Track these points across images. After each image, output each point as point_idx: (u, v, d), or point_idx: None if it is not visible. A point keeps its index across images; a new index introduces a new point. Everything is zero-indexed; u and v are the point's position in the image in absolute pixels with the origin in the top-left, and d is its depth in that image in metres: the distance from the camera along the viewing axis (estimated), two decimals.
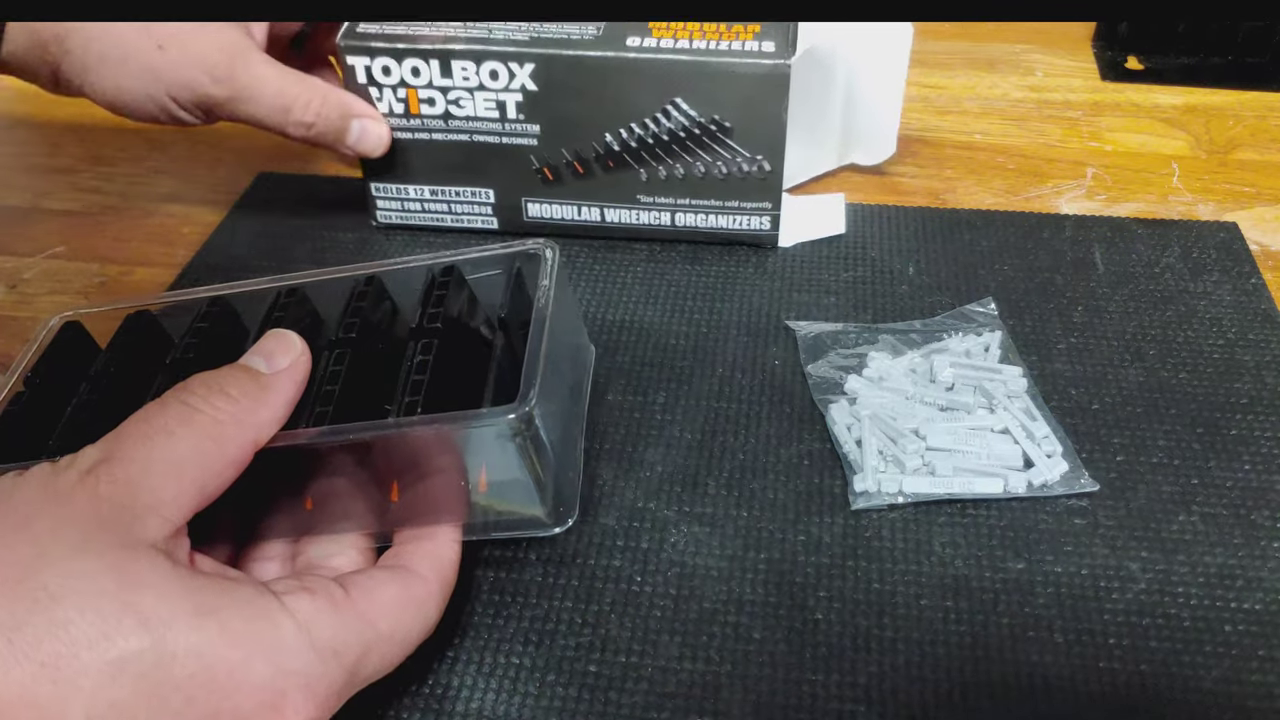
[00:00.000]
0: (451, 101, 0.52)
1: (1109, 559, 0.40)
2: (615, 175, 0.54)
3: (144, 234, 0.59)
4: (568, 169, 0.54)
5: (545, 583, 0.40)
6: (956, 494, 0.42)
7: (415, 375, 0.37)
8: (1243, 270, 0.54)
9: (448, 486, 0.36)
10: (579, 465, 0.40)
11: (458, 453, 0.35)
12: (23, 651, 0.27)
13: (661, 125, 0.52)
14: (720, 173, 0.53)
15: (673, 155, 0.53)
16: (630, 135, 0.52)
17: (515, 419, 0.34)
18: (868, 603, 0.39)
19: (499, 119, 0.52)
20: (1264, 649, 0.37)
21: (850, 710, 0.36)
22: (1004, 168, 0.62)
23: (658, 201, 0.55)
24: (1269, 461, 0.44)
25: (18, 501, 0.30)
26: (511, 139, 0.53)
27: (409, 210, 0.57)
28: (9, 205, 0.62)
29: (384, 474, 0.36)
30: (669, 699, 0.36)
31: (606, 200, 0.55)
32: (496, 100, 0.52)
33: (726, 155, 0.52)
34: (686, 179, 0.53)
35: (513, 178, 0.55)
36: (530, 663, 0.38)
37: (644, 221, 0.55)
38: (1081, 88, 0.70)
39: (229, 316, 0.42)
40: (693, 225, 0.55)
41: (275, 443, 0.34)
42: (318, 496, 0.37)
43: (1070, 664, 0.37)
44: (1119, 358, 0.49)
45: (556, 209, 0.56)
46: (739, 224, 0.55)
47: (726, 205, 0.54)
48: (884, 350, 0.49)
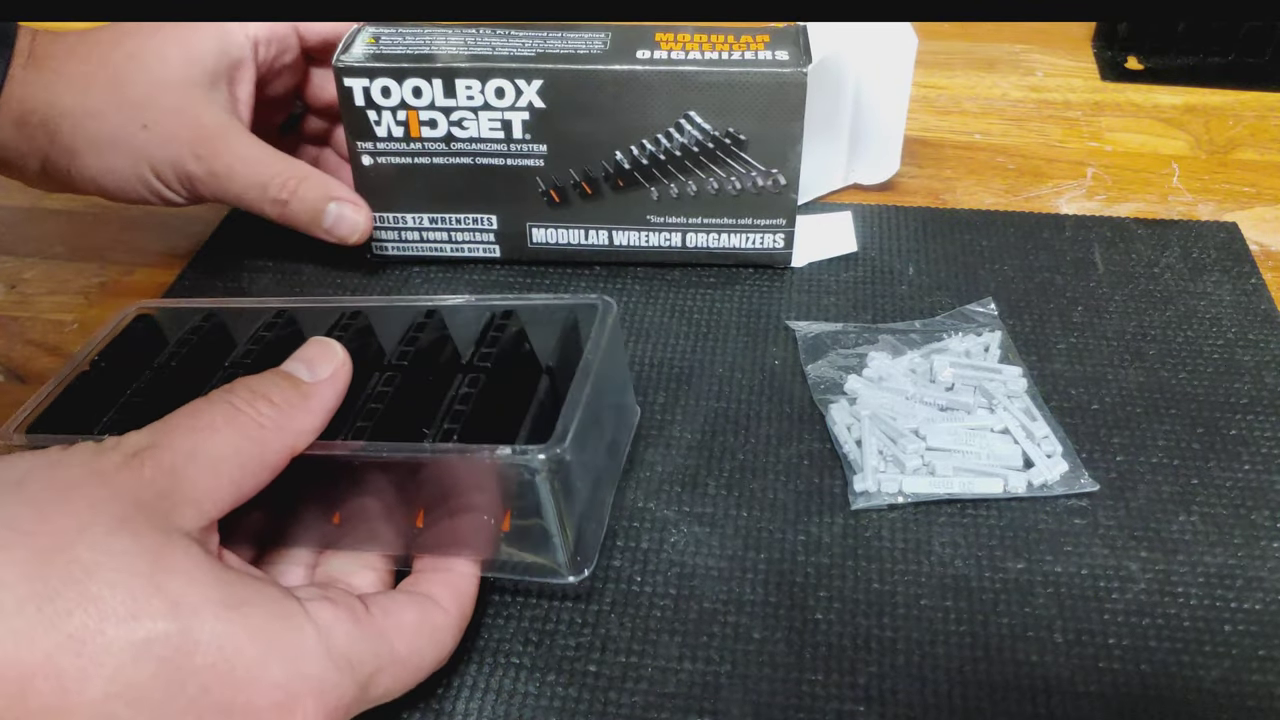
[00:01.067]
0: (454, 123, 0.50)
1: (1109, 559, 0.40)
2: (625, 195, 0.52)
3: (144, 234, 0.59)
4: (575, 190, 0.52)
5: (545, 582, 0.40)
6: (956, 494, 0.42)
7: (457, 405, 0.38)
8: (1243, 270, 0.54)
9: (472, 520, 0.37)
10: (604, 521, 0.40)
11: (485, 486, 0.36)
12: (51, 621, 0.27)
13: (674, 140, 0.50)
14: (734, 188, 0.52)
15: (685, 171, 0.51)
16: (641, 152, 0.51)
17: (546, 458, 0.34)
18: (867, 603, 0.39)
19: (504, 139, 0.51)
20: (1264, 649, 0.37)
21: (850, 710, 0.36)
22: (1004, 168, 0.62)
23: (668, 222, 0.53)
24: (1268, 461, 0.44)
25: (60, 474, 0.31)
26: (517, 160, 0.51)
27: (406, 240, 0.55)
28: (9, 205, 0.62)
29: (412, 498, 0.37)
30: (669, 699, 0.36)
31: (615, 222, 0.53)
32: (502, 119, 0.50)
33: (740, 169, 0.51)
34: (699, 196, 0.52)
35: (517, 202, 0.53)
36: (530, 662, 0.38)
37: (653, 244, 0.54)
38: (1081, 88, 0.70)
39: (291, 327, 0.43)
40: (704, 246, 0.54)
41: (311, 450, 0.35)
42: (346, 512, 0.37)
43: (1070, 664, 0.37)
44: (1119, 358, 0.49)
45: (562, 233, 0.54)
46: (752, 243, 0.53)
47: (739, 223, 0.53)
48: (884, 350, 0.49)
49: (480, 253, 0.55)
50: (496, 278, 0.55)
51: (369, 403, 0.38)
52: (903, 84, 0.56)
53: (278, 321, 0.43)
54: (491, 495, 0.36)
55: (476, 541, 0.37)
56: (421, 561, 0.38)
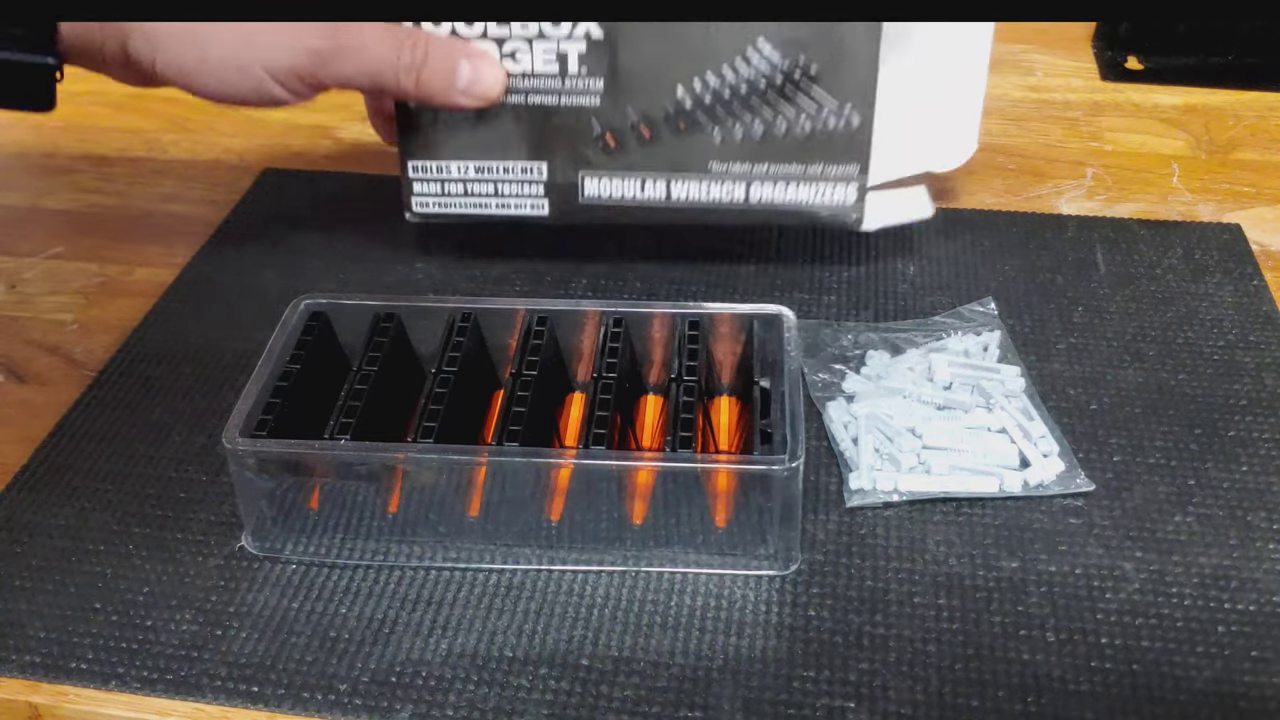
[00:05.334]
0: (506, 55, 0.47)
1: (1103, 559, 0.40)
2: (686, 139, 0.49)
3: (144, 234, 0.60)
4: (633, 133, 0.49)
5: (538, 576, 0.40)
6: (952, 492, 0.42)
7: (683, 414, 0.41)
8: (1245, 271, 0.54)
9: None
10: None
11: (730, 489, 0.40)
12: None
13: (740, 74, 0.47)
14: (803, 129, 0.48)
15: (751, 109, 0.47)
16: (704, 88, 0.47)
17: (781, 469, 0.38)
18: (860, 599, 0.39)
19: (558, 74, 0.47)
20: (1257, 650, 0.37)
21: (840, 707, 0.36)
22: (1004, 168, 0.62)
23: (731, 170, 0.49)
24: (1266, 463, 0.44)
25: None
26: (572, 98, 0.48)
27: (450, 195, 0.51)
28: (9, 205, 0.62)
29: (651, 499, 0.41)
30: (660, 693, 0.36)
31: (675, 169, 0.49)
32: (557, 51, 0.47)
33: (811, 107, 0.47)
34: (766, 139, 0.48)
35: (570, 147, 0.49)
36: (523, 655, 0.38)
37: (714, 197, 0.50)
38: (1081, 88, 0.69)
39: (476, 331, 0.46)
40: (769, 200, 0.50)
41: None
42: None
43: (1062, 663, 0.37)
44: (1118, 358, 0.49)
45: (617, 185, 0.50)
46: (821, 196, 0.50)
47: (809, 170, 0.49)
48: (883, 349, 0.49)
49: (528, 209, 0.51)
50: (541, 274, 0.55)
51: (594, 428, 0.40)
52: (981, 52, 0.51)
53: (464, 325, 0.45)
54: (725, 496, 0.40)
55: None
56: None
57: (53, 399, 0.48)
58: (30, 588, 0.40)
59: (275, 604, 0.40)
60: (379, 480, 0.40)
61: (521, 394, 0.42)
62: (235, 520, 0.42)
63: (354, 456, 0.40)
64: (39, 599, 0.40)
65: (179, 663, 0.38)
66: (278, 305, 0.46)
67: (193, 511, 0.43)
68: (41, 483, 0.44)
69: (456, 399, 0.42)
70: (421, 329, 0.46)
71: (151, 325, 0.52)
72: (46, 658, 0.38)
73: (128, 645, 0.38)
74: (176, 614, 0.39)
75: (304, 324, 0.45)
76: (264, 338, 0.44)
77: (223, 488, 0.44)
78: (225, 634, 0.39)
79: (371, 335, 0.45)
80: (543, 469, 0.40)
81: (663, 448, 0.40)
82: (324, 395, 0.44)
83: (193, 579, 0.41)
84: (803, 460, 0.38)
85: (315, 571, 0.41)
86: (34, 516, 0.43)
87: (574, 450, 0.42)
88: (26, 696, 0.38)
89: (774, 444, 0.39)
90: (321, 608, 0.40)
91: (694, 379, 0.42)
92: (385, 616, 0.39)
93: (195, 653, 0.38)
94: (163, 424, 0.47)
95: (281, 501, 0.41)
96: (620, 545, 0.41)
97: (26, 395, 0.49)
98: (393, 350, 0.45)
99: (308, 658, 0.38)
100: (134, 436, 0.46)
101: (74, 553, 0.42)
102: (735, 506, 0.40)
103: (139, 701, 0.37)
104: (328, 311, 0.46)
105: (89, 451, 0.46)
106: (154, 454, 0.45)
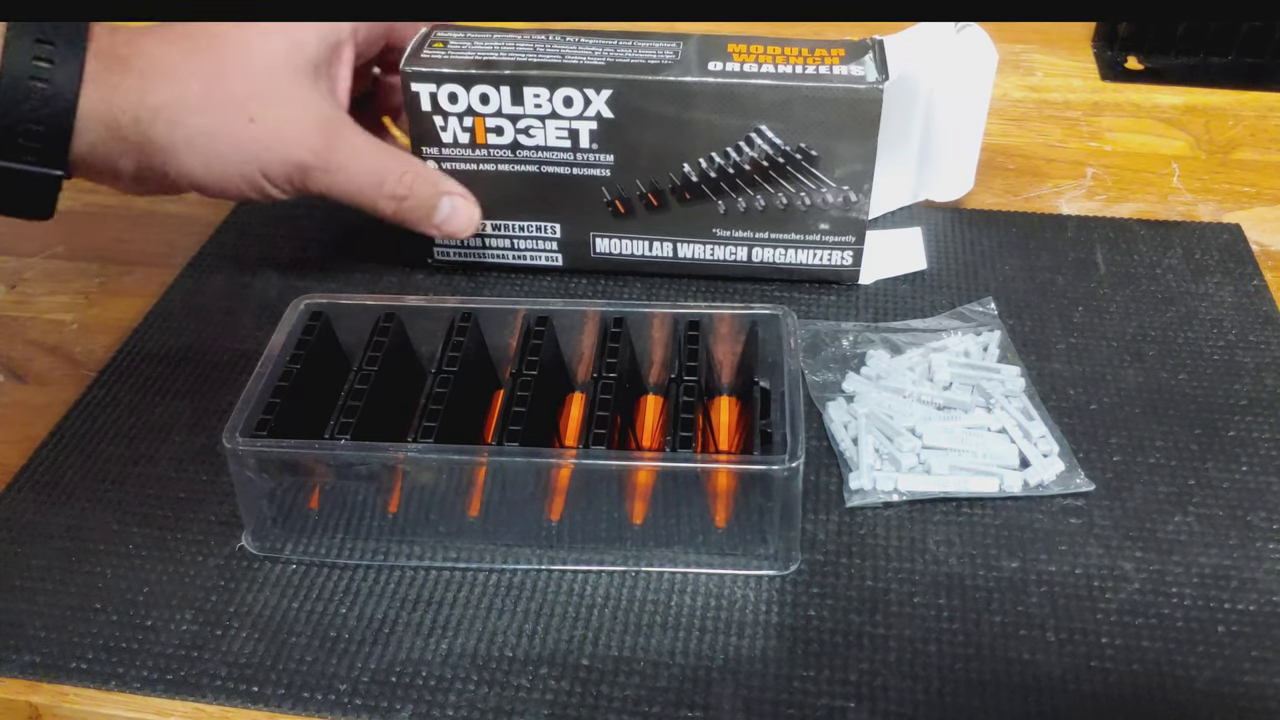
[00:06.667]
0: (521, 130, 0.49)
1: (1103, 559, 0.40)
2: (691, 208, 0.51)
3: (144, 234, 0.60)
4: (641, 201, 0.51)
5: (538, 576, 0.40)
6: (952, 492, 0.42)
7: (684, 415, 0.41)
8: (1245, 272, 0.54)
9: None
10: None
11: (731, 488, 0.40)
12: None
13: (744, 154, 0.49)
14: (803, 204, 0.50)
15: (754, 186, 0.50)
16: (710, 165, 0.50)
17: (781, 469, 0.38)
18: (860, 599, 0.39)
19: (570, 148, 0.50)
20: (1257, 650, 0.37)
21: (840, 706, 0.36)
22: (1004, 168, 0.62)
23: (734, 236, 0.52)
24: (1266, 463, 0.44)
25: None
26: (583, 170, 0.50)
27: (468, 246, 0.54)
28: None
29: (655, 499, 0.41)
30: (660, 693, 0.36)
31: (680, 235, 0.52)
32: (569, 129, 0.49)
33: (811, 185, 0.50)
34: (767, 211, 0.51)
35: (582, 211, 0.52)
36: (523, 655, 0.38)
37: (718, 257, 0.53)
38: (1081, 88, 0.69)
39: (476, 331, 0.46)
40: (770, 261, 0.52)
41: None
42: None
43: (1062, 663, 0.37)
44: (1118, 358, 0.49)
45: (626, 244, 0.53)
46: (819, 259, 0.52)
47: (808, 239, 0.51)
48: (883, 349, 0.49)
49: (543, 261, 0.54)
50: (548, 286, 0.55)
51: (594, 428, 0.41)
52: (981, 99, 0.54)
53: (464, 324, 0.45)
54: (725, 496, 0.40)
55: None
56: None
57: (53, 399, 0.48)
58: (30, 588, 0.40)
59: (275, 604, 0.40)
60: (379, 480, 0.40)
61: (521, 394, 0.42)
62: (235, 520, 0.42)
63: (354, 456, 0.40)
64: (39, 599, 0.40)
65: (179, 663, 0.38)
66: (278, 305, 0.46)
67: (193, 511, 0.43)
68: (41, 483, 0.44)
69: (456, 399, 0.42)
70: (421, 329, 0.46)
71: (151, 325, 0.52)
72: (46, 658, 0.38)
73: (127, 645, 0.39)
74: (176, 614, 0.39)
75: (304, 324, 0.45)
76: (264, 338, 0.44)
77: (223, 488, 0.44)
78: (225, 634, 0.39)
79: (371, 335, 0.45)
80: (543, 469, 0.40)
81: (663, 448, 0.40)
82: (324, 395, 0.44)
83: (193, 579, 0.41)
84: (803, 460, 0.38)
85: (315, 571, 0.41)
86: (34, 516, 0.43)
87: (574, 450, 0.42)
88: (26, 696, 0.38)
89: (774, 444, 0.39)
90: (321, 608, 0.40)
91: (694, 379, 0.43)
92: (385, 616, 0.39)
93: (195, 653, 0.38)
94: (163, 424, 0.47)
95: (281, 501, 0.41)
96: (620, 545, 0.41)
97: (26, 395, 0.49)
98: (393, 350, 0.45)
99: (308, 658, 0.38)
100: (134, 436, 0.46)
101: (74, 553, 0.42)
102: (735, 506, 0.40)
103: (139, 701, 0.37)
104: (328, 311, 0.46)
105: (89, 451, 0.46)
106: (154, 454, 0.45)
